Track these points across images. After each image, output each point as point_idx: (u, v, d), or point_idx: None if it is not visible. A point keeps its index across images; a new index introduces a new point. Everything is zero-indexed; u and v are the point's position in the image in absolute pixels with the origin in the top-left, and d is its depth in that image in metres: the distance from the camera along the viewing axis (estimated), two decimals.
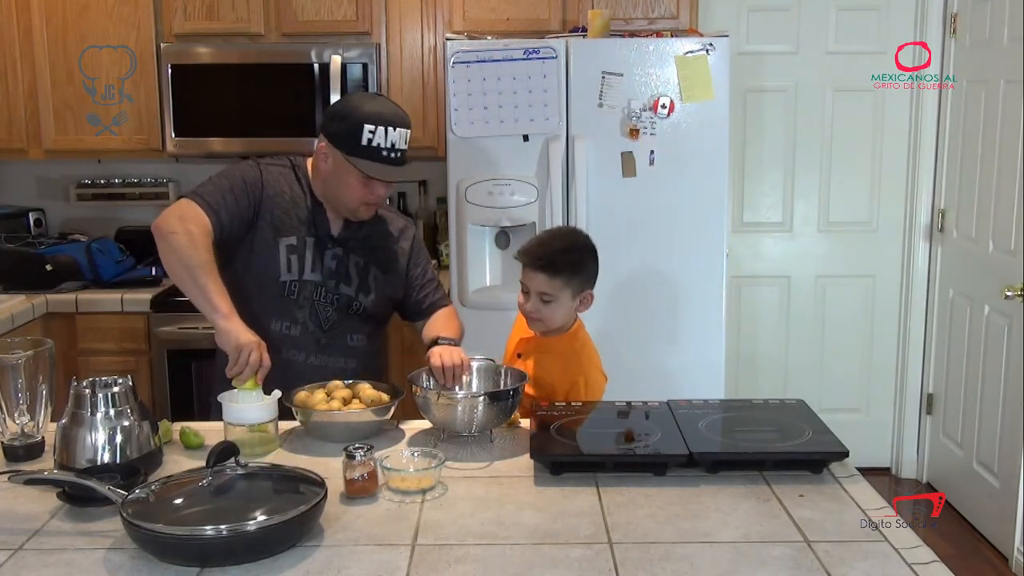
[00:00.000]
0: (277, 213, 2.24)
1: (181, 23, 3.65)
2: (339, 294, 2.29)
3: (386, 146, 2.17)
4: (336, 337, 2.29)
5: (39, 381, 1.89)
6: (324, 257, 2.28)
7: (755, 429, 1.99)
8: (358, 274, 2.31)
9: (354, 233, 2.32)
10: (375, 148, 2.16)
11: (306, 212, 2.27)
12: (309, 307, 2.26)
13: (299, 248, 2.25)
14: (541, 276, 2.20)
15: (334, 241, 2.29)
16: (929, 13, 3.95)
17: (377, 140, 2.15)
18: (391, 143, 2.17)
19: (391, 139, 2.17)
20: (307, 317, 2.26)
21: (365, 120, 2.15)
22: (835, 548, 1.50)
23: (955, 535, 3.68)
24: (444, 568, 1.44)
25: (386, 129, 2.16)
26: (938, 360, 4.10)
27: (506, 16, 3.60)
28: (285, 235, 2.24)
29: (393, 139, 2.17)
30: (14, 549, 1.51)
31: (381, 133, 2.15)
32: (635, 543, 1.52)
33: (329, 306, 2.28)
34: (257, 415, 1.92)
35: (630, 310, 3.25)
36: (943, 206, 4.03)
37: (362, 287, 2.31)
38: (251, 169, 2.27)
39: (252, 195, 2.22)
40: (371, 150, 2.16)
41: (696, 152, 3.22)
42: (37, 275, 3.53)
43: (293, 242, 2.25)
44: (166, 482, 1.62)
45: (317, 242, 2.27)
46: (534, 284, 2.22)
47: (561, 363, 2.26)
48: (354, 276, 2.30)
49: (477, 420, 1.96)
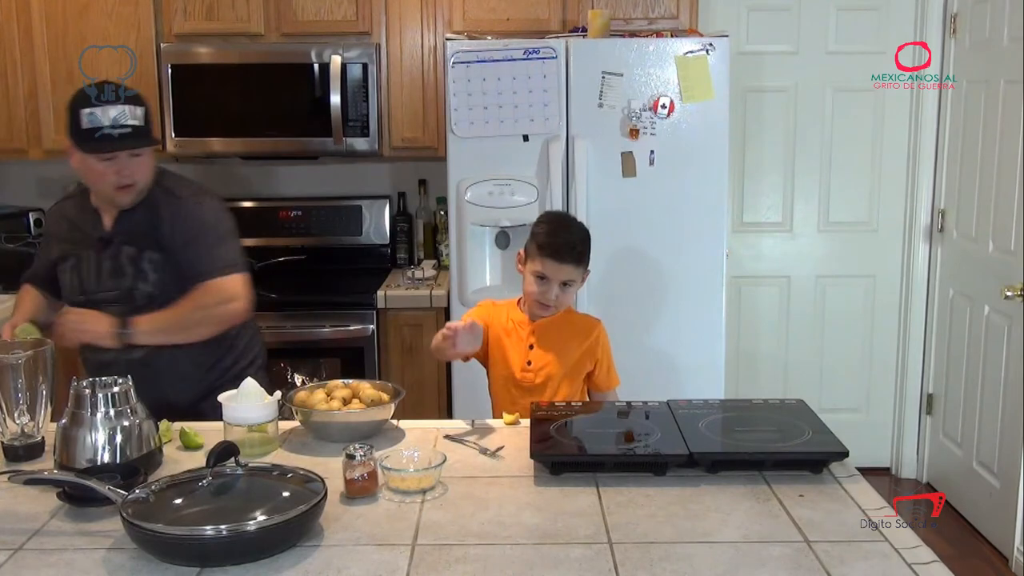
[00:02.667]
0: (63, 243, 2.39)
1: (181, 23, 3.65)
2: (118, 290, 2.33)
3: (108, 124, 2.19)
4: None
5: (39, 381, 1.89)
6: (102, 261, 2.34)
7: (755, 429, 1.98)
8: (131, 263, 2.33)
9: (122, 226, 2.35)
10: (97, 128, 2.19)
11: (81, 228, 2.37)
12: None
13: (79, 264, 2.35)
14: (567, 266, 2.28)
15: (105, 241, 2.34)
16: (929, 13, 3.95)
17: (98, 119, 2.19)
18: (113, 120, 2.19)
19: (111, 116, 2.19)
20: None
21: (81, 104, 2.20)
22: (835, 548, 1.51)
23: (955, 535, 3.68)
24: (444, 568, 1.44)
25: (103, 108, 2.19)
26: (938, 360, 4.10)
27: (506, 16, 3.60)
28: (66, 259, 2.37)
29: (113, 115, 2.19)
30: (14, 549, 1.51)
31: (99, 112, 2.19)
32: (635, 543, 1.52)
33: (113, 304, 2.31)
34: (257, 415, 1.92)
35: (630, 310, 3.25)
36: (943, 206, 4.03)
37: (139, 275, 2.32)
38: (46, 221, 2.50)
39: (47, 244, 2.47)
40: (93, 131, 2.19)
41: (696, 152, 3.22)
42: None
43: (73, 262, 2.36)
44: (166, 482, 1.62)
45: (95, 251, 2.34)
46: (561, 274, 2.28)
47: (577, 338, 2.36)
48: (127, 267, 2.33)
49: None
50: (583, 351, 2.35)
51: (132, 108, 2.22)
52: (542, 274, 2.28)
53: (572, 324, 2.39)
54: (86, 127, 2.19)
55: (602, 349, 2.39)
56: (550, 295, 2.28)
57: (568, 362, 2.34)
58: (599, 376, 2.39)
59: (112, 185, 2.26)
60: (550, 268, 2.26)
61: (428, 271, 3.73)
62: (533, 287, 2.29)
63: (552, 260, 2.26)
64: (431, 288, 3.56)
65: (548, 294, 2.28)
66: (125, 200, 2.30)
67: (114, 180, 2.25)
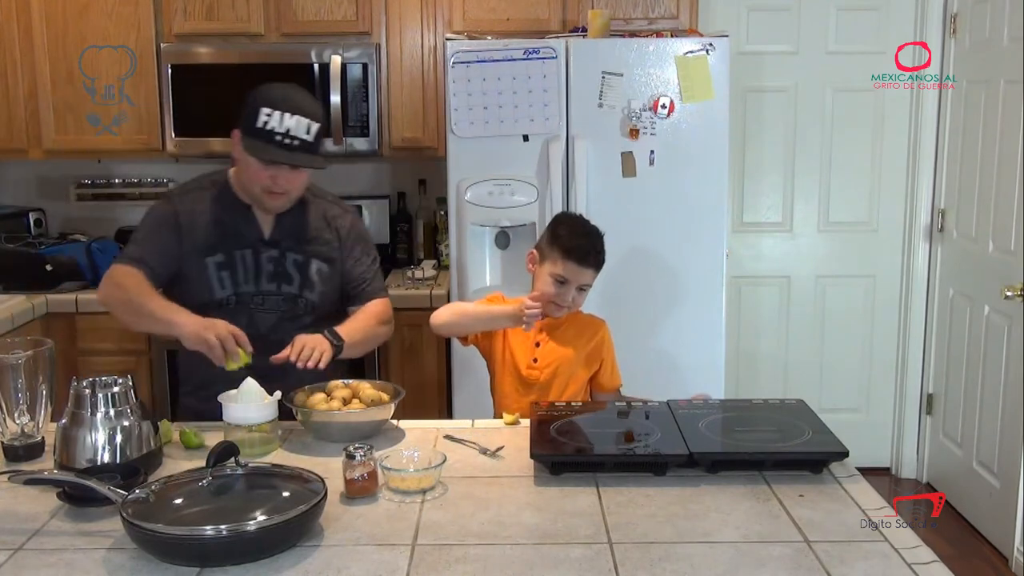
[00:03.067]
0: (200, 235, 2.27)
1: (181, 23, 3.65)
2: (282, 295, 2.29)
3: (280, 131, 2.15)
4: (277, 341, 2.19)
5: (39, 381, 1.89)
6: (260, 263, 2.28)
7: (755, 429, 1.99)
8: (298, 271, 2.30)
9: (286, 231, 2.31)
10: (268, 131, 2.15)
11: (233, 225, 2.29)
12: (247, 317, 2.25)
13: (230, 262, 2.27)
14: (589, 271, 2.30)
15: (267, 244, 2.29)
16: (929, 13, 3.95)
17: (272, 124, 2.15)
18: (286, 129, 2.15)
19: (286, 125, 2.15)
20: (244, 327, 2.16)
21: (264, 103, 2.16)
22: (835, 548, 1.51)
23: (955, 535, 3.68)
24: (444, 568, 1.44)
25: (282, 115, 2.15)
26: (938, 360, 4.10)
27: (506, 16, 3.60)
28: (211, 254, 2.27)
29: (289, 125, 2.15)
30: (14, 549, 1.51)
31: (276, 117, 2.15)
32: (635, 543, 1.52)
33: (272, 311, 2.28)
34: (257, 415, 1.92)
35: (630, 310, 3.25)
36: (943, 206, 4.03)
37: (305, 283, 2.31)
38: (163, 206, 2.32)
39: (169, 230, 2.27)
40: (265, 133, 2.15)
41: (696, 152, 3.22)
42: (37, 275, 3.53)
43: (221, 259, 2.26)
44: (166, 482, 1.62)
45: (252, 251, 2.28)
46: (581, 278, 2.29)
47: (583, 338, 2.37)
48: (294, 274, 2.30)
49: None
50: (588, 351, 2.37)
51: (309, 123, 2.17)
52: (563, 278, 2.27)
53: (578, 324, 2.40)
54: (259, 126, 2.15)
55: (606, 349, 2.40)
56: (567, 297, 2.29)
57: (573, 361, 2.35)
58: (603, 376, 2.40)
59: (264, 189, 2.22)
60: (572, 271, 2.27)
61: (428, 271, 3.72)
62: (550, 288, 2.29)
63: (575, 264, 2.27)
64: (431, 288, 3.56)
65: (566, 296, 2.29)
66: (274, 206, 2.27)
67: (267, 185, 2.21)
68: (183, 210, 2.29)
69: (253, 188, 2.23)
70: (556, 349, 2.35)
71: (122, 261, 2.25)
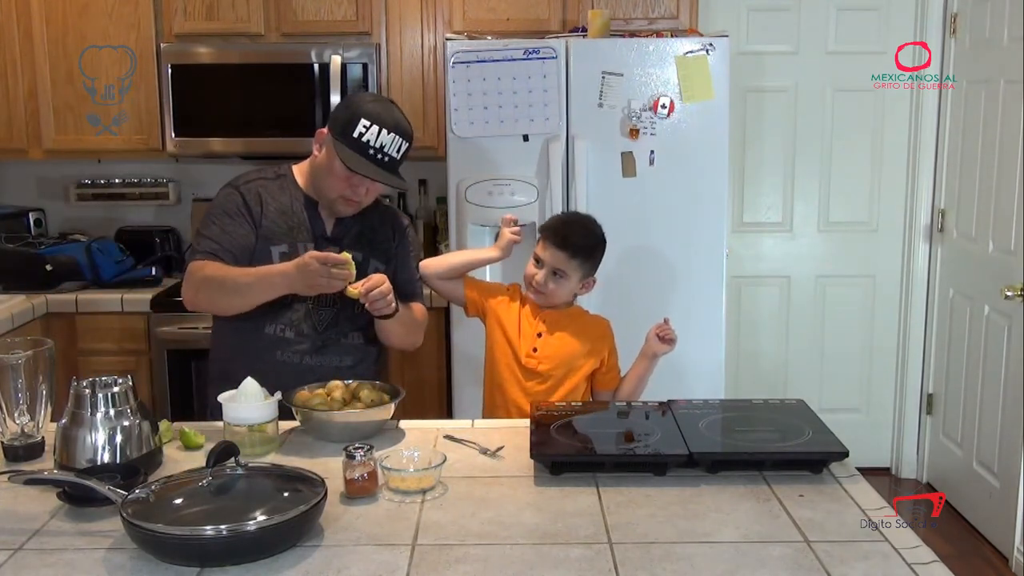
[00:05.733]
0: (267, 224, 2.27)
1: (181, 23, 3.65)
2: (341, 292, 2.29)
3: (375, 145, 2.18)
4: (332, 338, 2.29)
5: (39, 381, 1.89)
6: None
7: (755, 429, 1.99)
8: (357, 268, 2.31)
9: (347, 229, 2.33)
10: (363, 143, 2.17)
11: (298, 217, 2.29)
12: (304, 310, 2.27)
13: (293, 254, 2.25)
14: (561, 253, 2.32)
15: (329, 241, 2.30)
16: (929, 13, 3.95)
17: (368, 137, 2.17)
18: (380, 144, 2.18)
19: (382, 141, 2.18)
20: (301, 319, 2.27)
21: (364, 115, 2.18)
22: (835, 548, 1.51)
23: (955, 535, 3.68)
24: (444, 568, 1.44)
25: (380, 130, 2.18)
26: (938, 360, 4.10)
27: (506, 16, 3.60)
28: (276, 243, 2.27)
29: (384, 141, 2.18)
30: (14, 549, 1.51)
31: (374, 132, 2.17)
32: (635, 543, 1.52)
33: (328, 307, 2.29)
34: (257, 415, 1.92)
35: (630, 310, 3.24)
36: (943, 206, 4.03)
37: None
38: (230, 196, 2.30)
39: (242, 219, 2.26)
40: (359, 143, 2.18)
41: (696, 152, 3.22)
42: (37, 275, 3.53)
43: (285, 249, 2.26)
44: (166, 482, 1.62)
45: (315, 246, 2.27)
46: (551, 258, 2.32)
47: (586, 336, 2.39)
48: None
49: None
50: (590, 349, 2.39)
51: (402, 142, 2.21)
52: (538, 256, 2.35)
53: (583, 321, 2.43)
54: (355, 136, 2.17)
55: (608, 349, 2.43)
56: (539, 276, 2.34)
57: (574, 356, 2.37)
58: (603, 376, 2.42)
59: (340, 192, 2.23)
60: (546, 252, 2.33)
61: None
62: (529, 267, 2.37)
63: (551, 245, 2.33)
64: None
65: (537, 275, 2.34)
66: (344, 211, 2.28)
67: (347, 193, 2.23)
68: (250, 198, 2.29)
69: (330, 191, 2.25)
70: (557, 341, 2.38)
71: (197, 258, 2.23)
